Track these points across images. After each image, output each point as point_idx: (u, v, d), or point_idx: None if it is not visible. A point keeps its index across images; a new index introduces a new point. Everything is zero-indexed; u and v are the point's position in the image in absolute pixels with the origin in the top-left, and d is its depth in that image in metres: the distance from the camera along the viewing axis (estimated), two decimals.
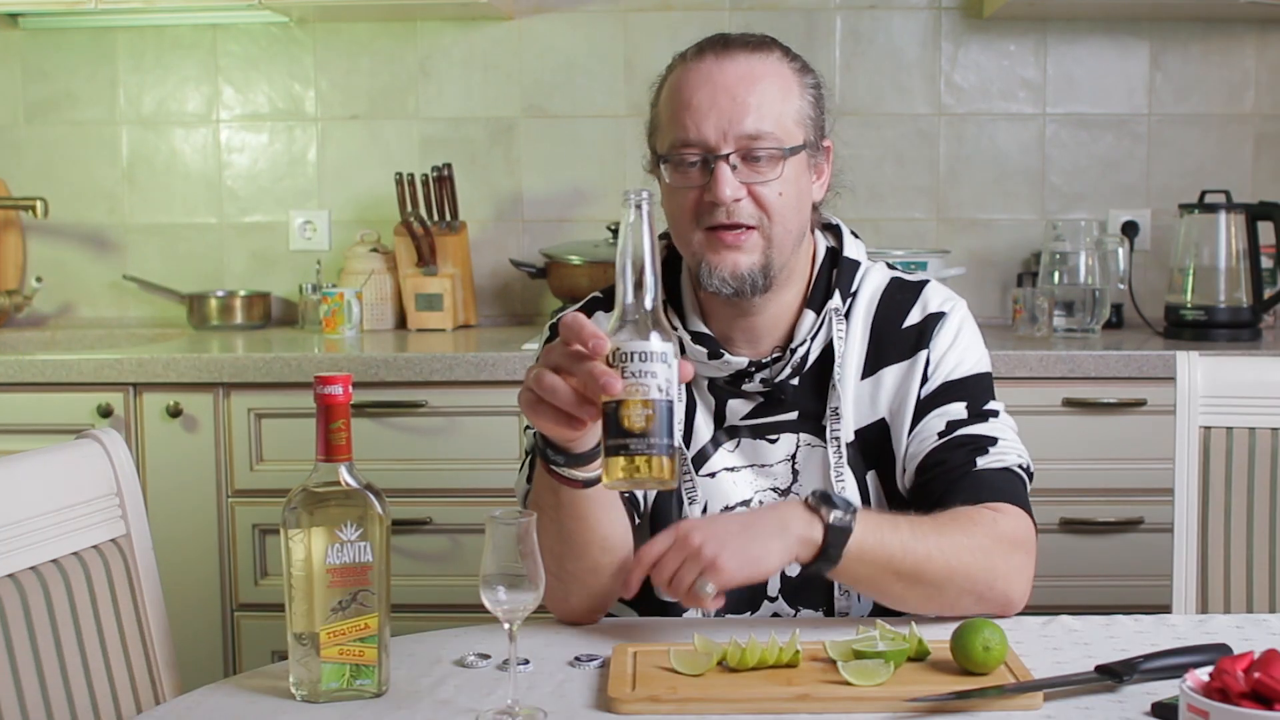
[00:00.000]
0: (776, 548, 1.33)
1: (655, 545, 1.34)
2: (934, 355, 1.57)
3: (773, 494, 1.56)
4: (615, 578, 1.43)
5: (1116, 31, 3.12)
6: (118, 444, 1.45)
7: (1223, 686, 0.96)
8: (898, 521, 1.40)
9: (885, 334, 1.58)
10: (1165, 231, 3.11)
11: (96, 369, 2.56)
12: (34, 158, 3.22)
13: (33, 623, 1.28)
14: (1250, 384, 1.80)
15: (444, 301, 2.99)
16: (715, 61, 1.50)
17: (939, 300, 1.61)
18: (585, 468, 1.33)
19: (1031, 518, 1.50)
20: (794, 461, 1.57)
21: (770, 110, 1.48)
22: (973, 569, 1.40)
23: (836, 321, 1.56)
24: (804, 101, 1.52)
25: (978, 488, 1.49)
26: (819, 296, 1.57)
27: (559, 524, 1.37)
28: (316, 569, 1.20)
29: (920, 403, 1.55)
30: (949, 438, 1.53)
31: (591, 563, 1.40)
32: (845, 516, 1.35)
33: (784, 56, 1.53)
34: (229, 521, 2.60)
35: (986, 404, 1.56)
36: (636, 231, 1.20)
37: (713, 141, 1.47)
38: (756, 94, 1.48)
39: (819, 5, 3.12)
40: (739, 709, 1.19)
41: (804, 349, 1.55)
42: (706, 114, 1.47)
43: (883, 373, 1.57)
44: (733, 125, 1.46)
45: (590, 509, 1.37)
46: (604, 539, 1.40)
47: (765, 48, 1.52)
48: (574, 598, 1.43)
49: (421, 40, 3.17)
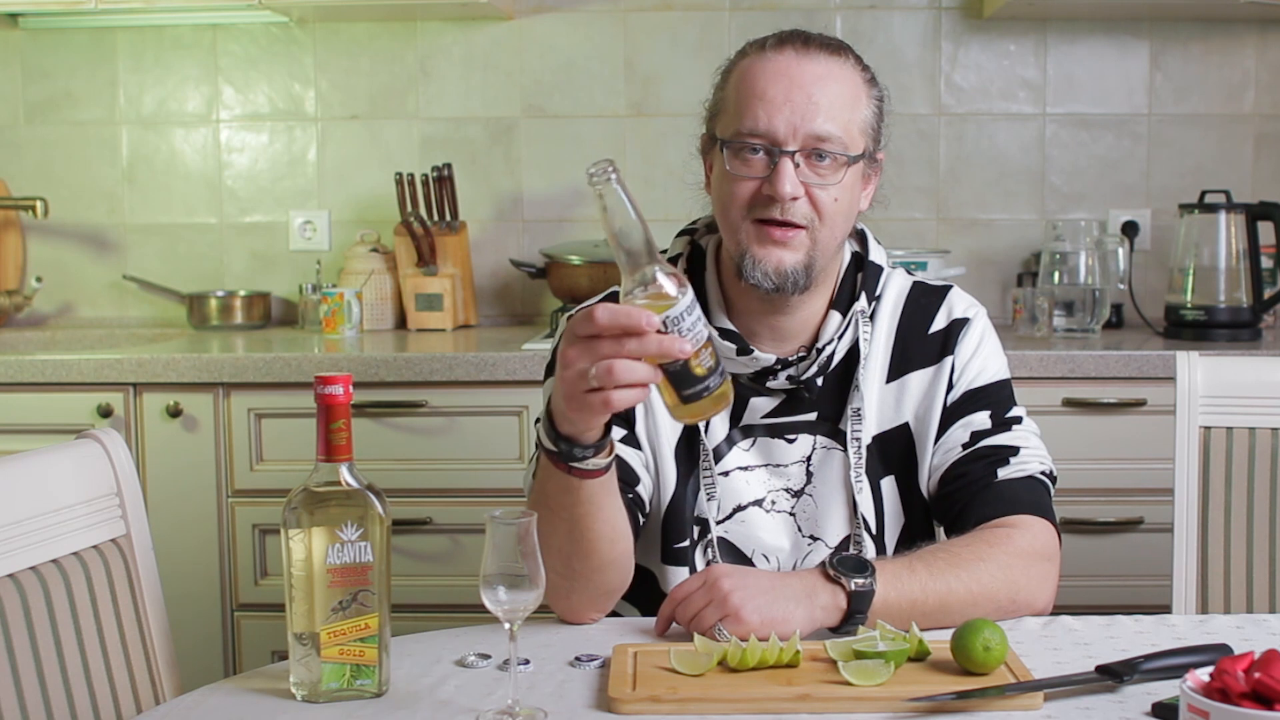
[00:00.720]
0: (800, 615, 1.34)
1: (686, 585, 1.37)
2: (959, 361, 1.58)
3: (785, 494, 1.57)
4: (619, 574, 1.44)
5: (1116, 31, 3.12)
6: (118, 444, 1.45)
7: (1223, 687, 0.96)
8: (914, 565, 1.41)
9: (910, 339, 1.59)
10: (1165, 231, 3.11)
11: (96, 369, 2.56)
12: (34, 158, 3.22)
13: (33, 623, 1.28)
14: (1250, 384, 1.80)
15: (444, 301, 2.99)
16: (795, 57, 1.49)
17: (963, 306, 1.63)
18: (601, 454, 1.33)
19: (1054, 524, 1.52)
20: (809, 463, 1.58)
21: (840, 115, 1.48)
22: (992, 588, 1.42)
23: (862, 323, 1.57)
24: (869, 111, 1.53)
25: (998, 500, 1.51)
26: (845, 299, 1.58)
27: (572, 522, 1.37)
28: (317, 569, 1.20)
29: (946, 410, 1.57)
30: (972, 449, 1.55)
31: (600, 559, 1.40)
32: (866, 581, 1.36)
33: (857, 64, 1.54)
34: (229, 521, 2.60)
35: (1009, 411, 1.58)
36: (620, 203, 1.23)
37: (781, 135, 1.46)
38: (830, 96, 1.48)
39: (819, 5, 3.12)
40: (739, 709, 1.19)
41: (830, 348, 1.55)
42: (780, 107, 1.46)
43: (908, 377, 1.58)
44: (804, 123, 1.46)
45: (603, 496, 1.38)
46: (613, 530, 1.40)
47: (842, 52, 1.53)
48: (577, 595, 1.43)
49: (421, 40, 3.17)
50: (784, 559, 1.57)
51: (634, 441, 1.56)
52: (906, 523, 1.59)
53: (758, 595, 1.33)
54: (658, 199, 2.93)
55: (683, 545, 1.56)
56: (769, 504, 1.57)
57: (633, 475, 1.54)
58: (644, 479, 1.56)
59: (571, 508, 1.37)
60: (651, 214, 1.31)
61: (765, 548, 1.57)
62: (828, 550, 1.56)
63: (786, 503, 1.57)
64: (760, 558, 1.57)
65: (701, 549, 1.56)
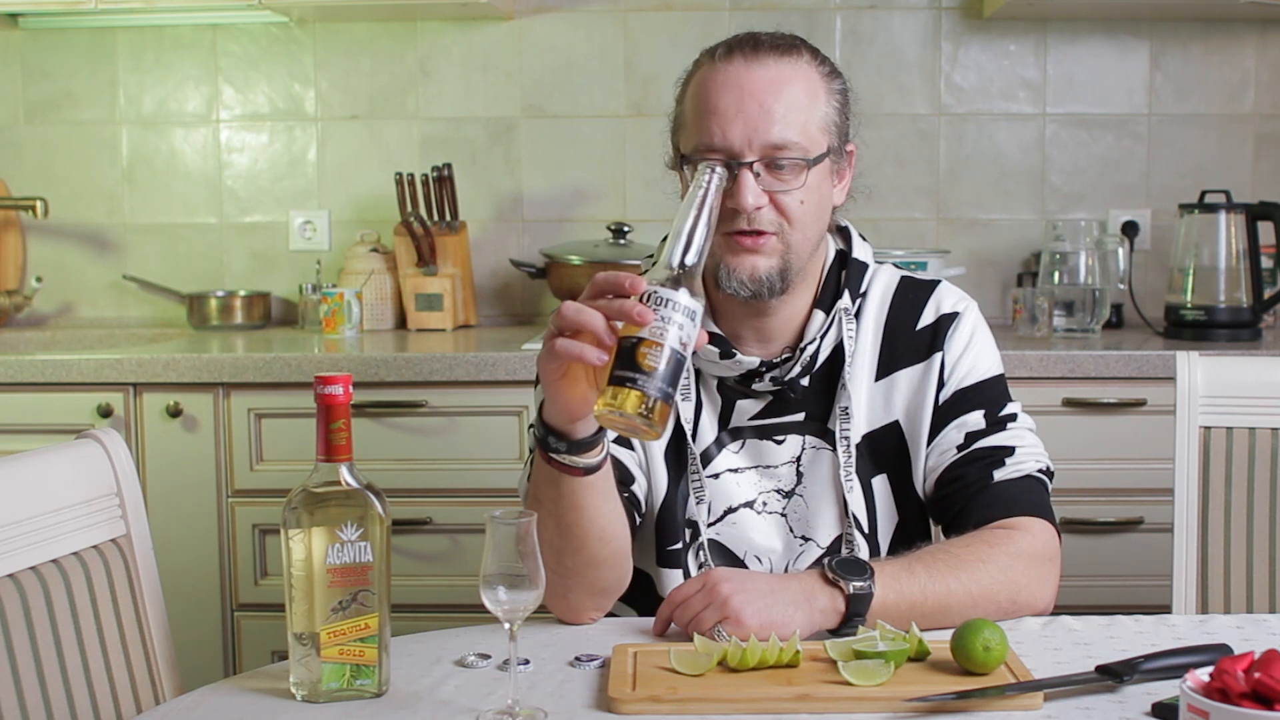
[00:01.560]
0: (799, 617, 1.34)
1: (685, 588, 1.37)
2: (949, 358, 1.57)
3: (776, 495, 1.57)
4: (613, 573, 1.44)
5: (1116, 31, 3.12)
6: (118, 444, 1.45)
7: (1223, 687, 0.96)
8: (913, 566, 1.41)
9: (898, 335, 1.58)
10: (1165, 231, 3.11)
11: (96, 369, 2.56)
12: (34, 158, 3.22)
13: (33, 623, 1.28)
14: (1250, 384, 1.80)
15: (444, 301, 2.99)
16: (744, 65, 1.47)
17: (952, 301, 1.61)
18: (586, 454, 1.33)
19: (1052, 522, 1.51)
20: (799, 464, 1.57)
21: (796, 118, 1.46)
22: (992, 589, 1.42)
23: (846, 321, 1.56)
24: (830, 107, 1.51)
25: (996, 503, 1.51)
26: (828, 297, 1.57)
27: (558, 516, 1.37)
28: (317, 569, 1.20)
29: (938, 409, 1.56)
30: (967, 451, 1.54)
31: (590, 556, 1.40)
32: (864, 583, 1.36)
33: (813, 59, 1.52)
34: (229, 521, 2.60)
35: (1003, 408, 1.57)
36: (703, 197, 1.27)
37: (737, 148, 1.45)
38: (783, 102, 1.46)
39: (819, 5, 3.12)
40: (739, 709, 1.19)
41: (813, 347, 1.55)
42: (733, 120, 1.45)
43: (897, 375, 1.58)
44: (758, 134, 1.45)
45: (589, 498, 1.37)
46: (602, 530, 1.40)
47: (794, 51, 1.50)
48: (573, 594, 1.43)
49: (421, 40, 3.17)
50: (776, 560, 1.56)
51: (628, 442, 1.56)
52: (901, 521, 1.59)
53: (757, 598, 1.33)
54: (656, 200, 2.92)
55: (675, 548, 1.56)
56: (760, 505, 1.57)
57: (628, 475, 1.54)
58: (639, 479, 1.56)
59: (555, 501, 1.37)
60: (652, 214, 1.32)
61: (757, 549, 1.56)
62: (820, 551, 1.56)
63: (778, 504, 1.57)
64: (752, 559, 1.57)
65: (693, 552, 1.56)
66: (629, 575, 1.47)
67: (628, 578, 1.47)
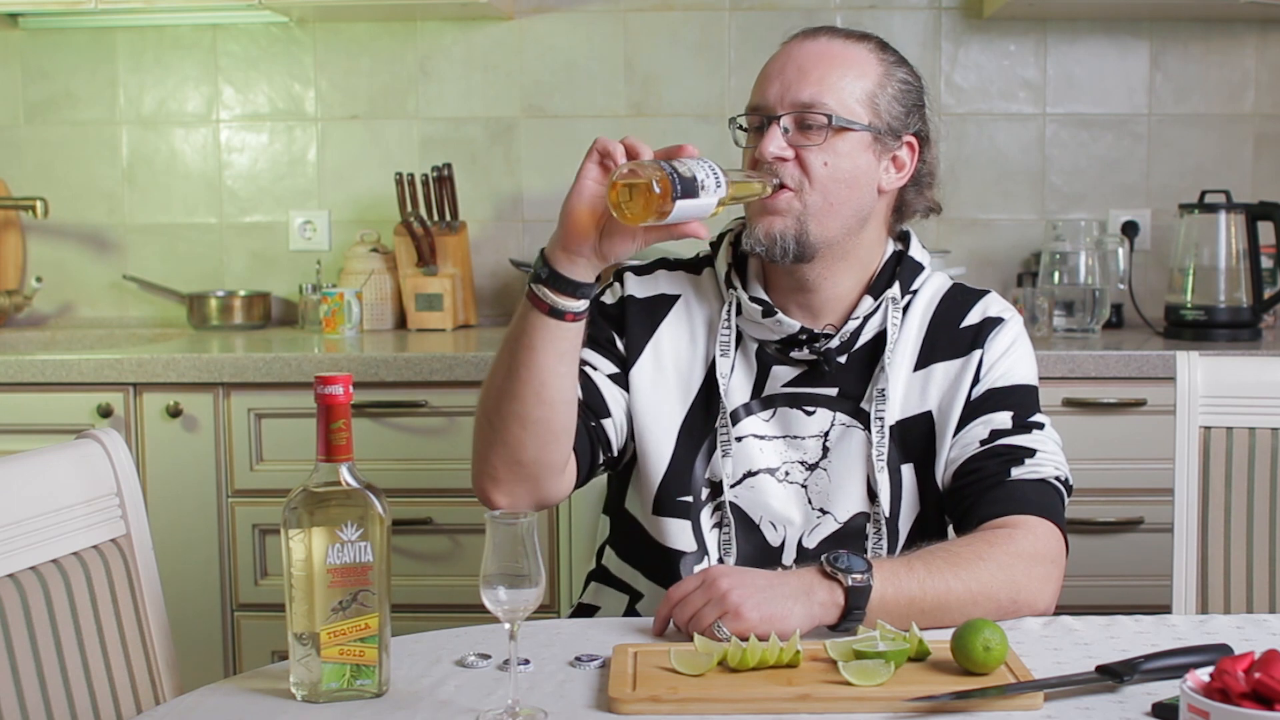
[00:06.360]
0: (799, 611, 1.34)
1: (684, 585, 1.37)
2: (988, 357, 1.60)
3: (800, 466, 1.59)
4: (536, 444, 1.48)
5: (1116, 31, 3.12)
6: (118, 444, 1.45)
7: (1223, 687, 0.96)
8: (912, 563, 1.41)
9: (941, 330, 1.61)
10: (1165, 231, 3.11)
11: (96, 369, 2.56)
12: (34, 158, 3.22)
13: (33, 623, 1.28)
14: (1250, 384, 1.80)
15: (444, 301, 2.99)
16: (800, 41, 1.57)
17: (999, 308, 1.65)
18: (562, 296, 1.43)
19: (1060, 527, 1.52)
20: (826, 439, 1.59)
21: (833, 85, 1.53)
22: (992, 588, 1.42)
23: (892, 310, 1.59)
24: (881, 89, 1.56)
25: (1007, 499, 1.51)
26: (880, 286, 1.61)
27: (512, 356, 1.45)
28: (317, 569, 1.20)
29: (969, 404, 1.58)
30: (989, 446, 1.55)
31: (522, 410, 1.46)
32: (863, 577, 1.36)
33: (877, 48, 1.58)
34: (229, 521, 2.60)
35: (1032, 415, 1.59)
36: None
37: (771, 104, 1.54)
38: (823, 69, 1.53)
39: (819, 5, 3.11)
40: (739, 709, 1.19)
41: (856, 324, 1.58)
42: (772, 82, 1.55)
43: (935, 367, 1.60)
44: (789, 91, 1.53)
45: (545, 342, 1.45)
46: (542, 384, 1.46)
47: (859, 38, 1.58)
48: (493, 453, 1.48)
49: (421, 40, 3.17)
50: (792, 530, 1.58)
51: (623, 383, 1.60)
52: (921, 513, 1.60)
53: (756, 593, 1.33)
54: None
55: (685, 499, 1.58)
56: (782, 474, 1.59)
57: (604, 408, 1.59)
58: (617, 419, 1.59)
59: (516, 340, 1.45)
60: None
61: (774, 515, 1.58)
62: (836, 526, 1.58)
63: (800, 475, 1.59)
64: (768, 525, 1.58)
65: (710, 509, 1.58)
66: (554, 470, 1.51)
67: (551, 472, 1.51)
